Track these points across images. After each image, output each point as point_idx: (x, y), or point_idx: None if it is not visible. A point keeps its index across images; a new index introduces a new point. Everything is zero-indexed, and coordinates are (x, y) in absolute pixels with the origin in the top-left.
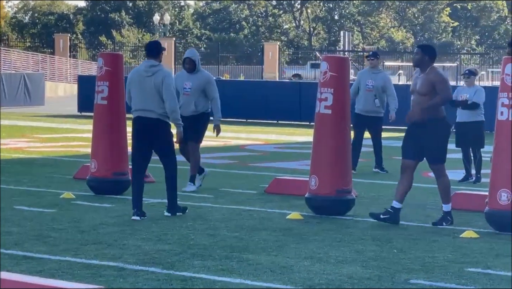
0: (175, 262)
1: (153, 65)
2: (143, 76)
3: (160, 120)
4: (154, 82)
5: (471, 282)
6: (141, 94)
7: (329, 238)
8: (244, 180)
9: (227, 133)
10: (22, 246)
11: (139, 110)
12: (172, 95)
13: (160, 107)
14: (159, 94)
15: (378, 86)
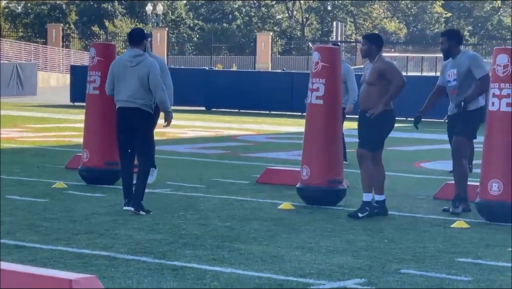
0: (167, 251)
1: (137, 55)
2: (127, 67)
3: (142, 110)
4: (139, 73)
5: (461, 272)
6: (124, 85)
7: (320, 228)
8: (236, 170)
9: (219, 123)
10: (14, 235)
11: (122, 101)
12: (160, 85)
13: (143, 98)
14: (143, 85)
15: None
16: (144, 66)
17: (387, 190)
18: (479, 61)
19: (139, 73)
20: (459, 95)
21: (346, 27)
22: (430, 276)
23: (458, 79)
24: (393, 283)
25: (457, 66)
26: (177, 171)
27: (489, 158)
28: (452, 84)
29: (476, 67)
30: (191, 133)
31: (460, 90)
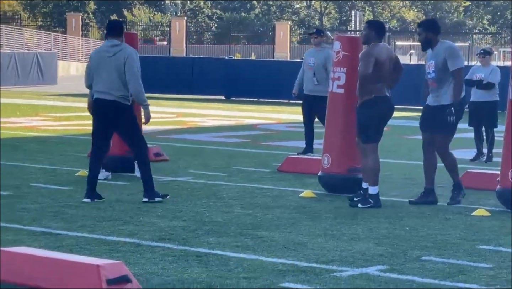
0: (190, 238)
1: (114, 45)
2: (103, 57)
3: (119, 103)
4: (115, 63)
5: (482, 259)
6: (100, 76)
7: (341, 216)
8: (257, 158)
9: (239, 112)
10: (40, 222)
11: (98, 92)
12: (135, 75)
13: (120, 89)
14: (120, 76)
15: (319, 64)
16: (121, 55)
17: (409, 179)
18: (454, 53)
19: (116, 64)
20: (438, 89)
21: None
22: (451, 263)
23: (436, 71)
24: (414, 270)
25: (434, 57)
26: (199, 160)
27: (510, 146)
28: (431, 76)
29: (451, 58)
30: (211, 122)
31: (439, 83)
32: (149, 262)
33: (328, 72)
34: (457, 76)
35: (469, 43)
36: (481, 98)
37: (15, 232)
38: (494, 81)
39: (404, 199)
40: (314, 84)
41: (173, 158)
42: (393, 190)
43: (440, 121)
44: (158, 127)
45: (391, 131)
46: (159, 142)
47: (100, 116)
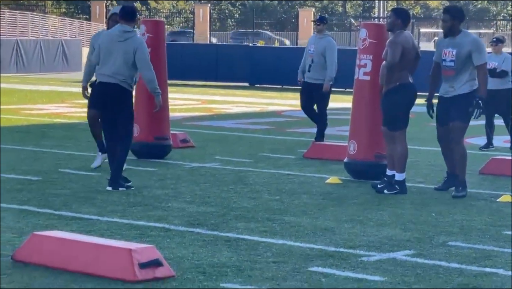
0: (219, 223)
1: (126, 31)
2: (114, 41)
3: (121, 87)
4: (125, 49)
5: (508, 245)
6: (108, 59)
7: (368, 202)
8: (282, 145)
9: (263, 99)
10: (71, 207)
11: (104, 75)
12: (148, 64)
13: (124, 74)
14: (126, 62)
15: (318, 51)
16: (132, 42)
17: (435, 166)
18: (480, 47)
19: (125, 49)
20: (455, 78)
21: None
22: (477, 248)
23: (456, 61)
24: (441, 255)
25: (457, 46)
26: (225, 146)
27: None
28: (448, 64)
29: (477, 52)
30: (236, 109)
31: (457, 72)
32: (180, 247)
33: (325, 59)
34: (483, 70)
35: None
36: (494, 86)
37: (47, 216)
38: (507, 69)
39: (430, 186)
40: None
41: (199, 145)
42: (419, 176)
43: (457, 109)
44: (184, 114)
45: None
46: (185, 128)
47: (100, 97)
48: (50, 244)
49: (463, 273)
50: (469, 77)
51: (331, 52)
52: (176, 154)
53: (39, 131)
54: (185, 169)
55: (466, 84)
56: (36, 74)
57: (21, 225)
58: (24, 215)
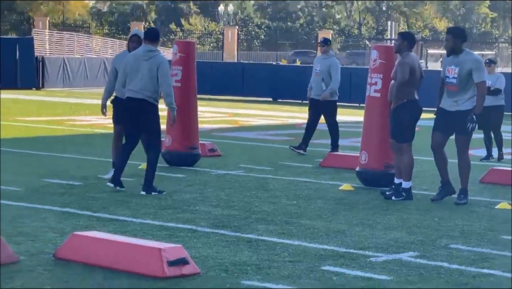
0: (242, 225)
1: (150, 50)
2: (140, 60)
3: (148, 102)
4: (149, 67)
5: (505, 248)
6: (135, 76)
7: (377, 207)
8: (301, 155)
9: (284, 113)
10: (108, 210)
11: (132, 91)
12: (167, 80)
13: (150, 90)
14: (152, 78)
15: (324, 70)
16: (155, 61)
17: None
18: (480, 66)
19: (150, 66)
20: (458, 95)
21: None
22: (476, 251)
23: (458, 78)
24: (443, 257)
25: (459, 64)
26: (249, 155)
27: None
28: (451, 81)
29: (477, 71)
30: (260, 122)
31: (460, 89)
32: (205, 246)
33: (330, 78)
34: (482, 88)
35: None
36: (489, 103)
37: (86, 218)
38: (500, 87)
39: (433, 193)
40: (322, 89)
41: (225, 153)
42: (423, 184)
43: (460, 125)
44: (212, 126)
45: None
46: (212, 139)
47: (128, 111)
48: (88, 243)
49: (463, 274)
50: (472, 94)
51: (336, 70)
52: (204, 162)
53: (82, 141)
54: (212, 176)
55: (469, 101)
56: (80, 89)
57: (63, 225)
58: (66, 217)
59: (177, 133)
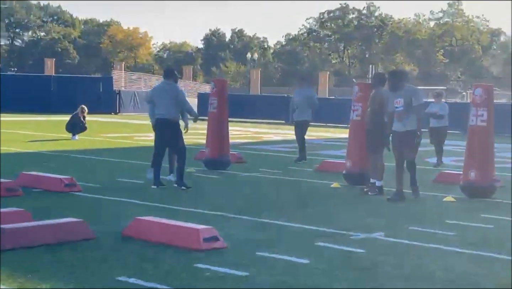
0: (258, 213)
1: (169, 83)
2: (163, 90)
3: (172, 120)
4: (170, 95)
5: (450, 230)
6: (162, 103)
7: (357, 200)
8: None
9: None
10: (162, 201)
11: (161, 114)
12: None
13: (172, 111)
14: (173, 103)
15: (303, 99)
16: (174, 90)
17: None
18: (417, 93)
19: (170, 95)
20: (406, 117)
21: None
22: (428, 231)
23: (404, 106)
24: (404, 235)
25: (403, 96)
26: (266, 162)
27: (469, 155)
28: (399, 109)
29: (415, 97)
30: (275, 137)
31: (406, 114)
32: (231, 228)
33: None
34: (419, 110)
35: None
36: (437, 124)
37: (146, 206)
38: (444, 113)
39: None
40: (293, 113)
41: (249, 161)
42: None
43: (409, 141)
44: (240, 140)
45: None
46: (240, 150)
47: (161, 130)
48: (146, 225)
49: (417, 248)
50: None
51: (314, 99)
52: (233, 167)
53: (146, 151)
54: (238, 177)
55: (412, 123)
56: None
57: (129, 212)
58: (131, 206)
59: (214, 145)
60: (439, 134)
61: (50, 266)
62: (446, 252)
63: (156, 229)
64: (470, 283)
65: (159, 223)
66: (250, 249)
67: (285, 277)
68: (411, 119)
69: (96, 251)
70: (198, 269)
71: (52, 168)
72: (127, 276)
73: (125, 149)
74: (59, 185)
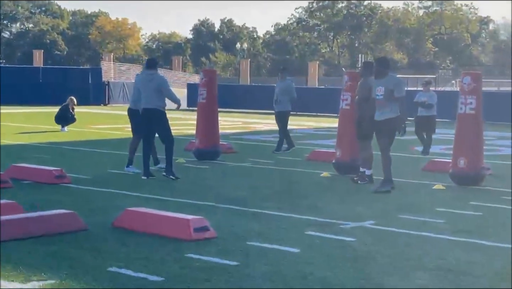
0: (249, 202)
1: (150, 74)
2: (145, 81)
3: (156, 109)
4: (152, 85)
5: (438, 217)
6: (144, 93)
7: (347, 189)
8: (294, 151)
9: None
10: (152, 192)
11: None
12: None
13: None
14: (156, 93)
15: (280, 90)
16: (156, 80)
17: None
18: (400, 84)
19: (155, 85)
20: (385, 107)
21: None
22: (418, 219)
23: (384, 94)
24: (394, 224)
25: (384, 84)
26: (255, 152)
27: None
28: (379, 98)
29: (397, 88)
30: (265, 127)
31: (385, 103)
32: (221, 218)
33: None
34: (402, 102)
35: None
36: (425, 113)
37: (136, 197)
38: (433, 102)
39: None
40: (274, 104)
41: (239, 151)
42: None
43: (385, 130)
44: (230, 131)
45: None
46: (230, 140)
47: (147, 120)
48: (137, 216)
49: (408, 235)
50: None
51: (291, 89)
52: (223, 157)
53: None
54: (228, 167)
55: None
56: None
57: (119, 203)
58: (122, 197)
59: (204, 136)
60: (428, 124)
61: (42, 258)
62: (437, 240)
63: (147, 220)
64: (461, 270)
65: (149, 214)
66: (241, 238)
67: (275, 266)
68: (390, 108)
69: (88, 243)
70: (189, 259)
71: (42, 160)
72: (118, 267)
73: (115, 140)
74: (50, 176)
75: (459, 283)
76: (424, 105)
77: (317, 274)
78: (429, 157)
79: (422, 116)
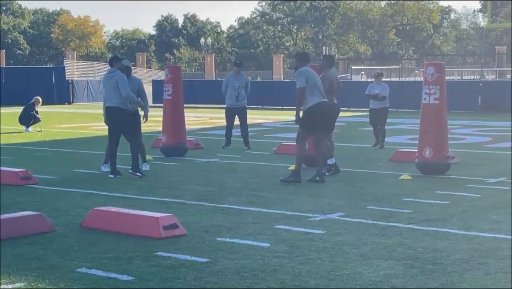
0: (217, 198)
1: (111, 72)
2: (105, 80)
3: (117, 107)
4: (111, 83)
5: (405, 207)
6: (106, 92)
7: (315, 181)
8: (261, 145)
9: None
10: (119, 190)
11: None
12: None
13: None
14: (115, 91)
15: (241, 85)
16: (115, 78)
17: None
18: (297, 77)
19: (113, 83)
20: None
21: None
22: (385, 210)
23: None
24: (361, 215)
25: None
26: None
27: (424, 134)
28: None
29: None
30: None
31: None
32: (191, 214)
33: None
34: (298, 93)
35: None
36: (377, 106)
37: (104, 197)
38: (385, 94)
39: (356, 169)
40: (236, 100)
41: (206, 146)
42: (349, 163)
43: (303, 119)
44: (197, 126)
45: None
46: (197, 136)
47: (110, 119)
48: (105, 215)
49: (376, 226)
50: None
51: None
52: (191, 153)
53: (102, 141)
54: (196, 163)
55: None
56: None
57: (87, 203)
58: (89, 196)
59: (170, 132)
60: (380, 116)
61: (9, 261)
62: (404, 230)
63: (115, 219)
64: (429, 259)
65: (118, 213)
66: (211, 235)
67: (246, 261)
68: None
69: (56, 244)
70: (159, 257)
71: (7, 161)
72: (87, 268)
73: (80, 139)
74: (15, 178)
75: (427, 272)
76: (377, 98)
77: (287, 267)
78: (395, 148)
79: (376, 109)
